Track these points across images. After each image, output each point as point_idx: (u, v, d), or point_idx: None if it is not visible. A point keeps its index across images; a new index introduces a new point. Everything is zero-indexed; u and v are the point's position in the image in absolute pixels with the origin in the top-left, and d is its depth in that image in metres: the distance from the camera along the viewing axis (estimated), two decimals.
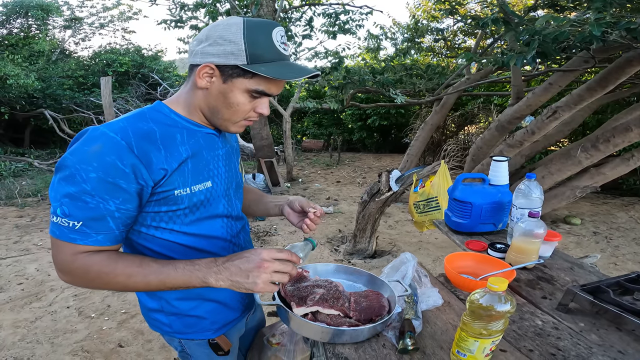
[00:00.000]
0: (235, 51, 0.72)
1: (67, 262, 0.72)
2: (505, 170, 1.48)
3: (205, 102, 0.80)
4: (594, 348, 0.83)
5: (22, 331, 2.31)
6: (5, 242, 3.72)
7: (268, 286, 0.72)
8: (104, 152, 0.69)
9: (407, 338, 0.80)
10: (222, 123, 0.82)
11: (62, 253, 0.72)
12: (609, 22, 1.86)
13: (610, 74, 3.07)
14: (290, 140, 6.58)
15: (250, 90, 0.76)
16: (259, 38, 0.72)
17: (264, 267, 0.71)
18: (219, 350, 0.98)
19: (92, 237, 0.71)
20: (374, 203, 3.10)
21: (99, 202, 0.70)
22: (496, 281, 0.70)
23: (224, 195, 0.90)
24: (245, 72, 0.73)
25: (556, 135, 4.70)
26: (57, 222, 0.70)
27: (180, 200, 0.79)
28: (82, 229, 0.70)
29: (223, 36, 0.72)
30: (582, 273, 1.21)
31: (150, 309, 0.94)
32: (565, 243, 3.88)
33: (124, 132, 0.72)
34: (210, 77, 0.76)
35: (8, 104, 7.71)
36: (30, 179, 6.41)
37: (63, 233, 0.71)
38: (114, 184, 0.70)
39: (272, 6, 5.37)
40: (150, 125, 0.76)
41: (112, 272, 0.72)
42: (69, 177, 0.68)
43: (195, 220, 0.84)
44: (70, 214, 0.69)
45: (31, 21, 9.69)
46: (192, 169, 0.80)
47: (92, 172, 0.68)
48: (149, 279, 0.73)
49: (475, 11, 6.24)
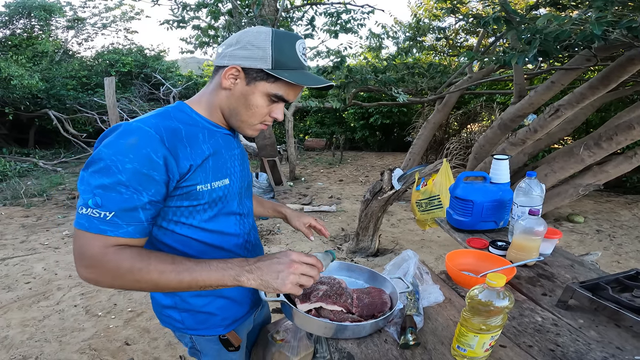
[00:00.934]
0: (262, 56, 0.78)
1: (97, 255, 0.71)
2: (506, 168, 1.49)
3: (226, 102, 0.85)
4: (593, 344, 0.85)
5: (31, 330, 2.34)
6: (12, 242, 3.76)
7: (295, 287, 0.74)
8: (140, 145, 0.72)
9: (408, 333, 0.82)
10: (239, 125, 0.87)
11: (91, 246, 0.71)
12: (610, 21, 1.86)
13: (612, 72, 3.07)
14: (292, 139, 6.60)
15: (270, 94, 0.81)
16: (285, 47, 0.79)
17: (293, 268, 0.74)
18: (230, 346, 1.00)
19: (122, 229, 0.72)
20: (377, 201, 3.11)
21: (132, 193, 0.71)
22: (494, 277, 0.72)
23: (238, 193, 0.94)
24: (269, 76, 0.79)
25: (559, 134, 4.69)
26: (87, 213, 0.70)
27: (201, 196, 0.83)
28: (114, 220, 0.71)
29: (252, 42, 0.78)
30: (583, 270, 1.22)
31: (163, 305, 0.97)
32: (568, 241, 3.88)
33: (157, 127, 0.75)
34: (235, 79, 0.81)
35: (12, 104, 7.76)
36: (35, 179, 6.47)
37: (93, 224, 0.70)
38: (148, 176, 0.72)
39: (274, 6, 5.39)
40: (176, 124, 0.80)
41: (145, 267, 0.72)
42: (104, 169, 0.70)
43: (213, 216, 0.88)
44: (102, 204, 0.70)
45: (34, 22, 9.74)
46: (213, 166, 0.84)
47: (128, 164, 0.70)
48: (182, 277, 0.73)
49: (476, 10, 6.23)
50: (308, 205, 4.95)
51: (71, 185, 6.12)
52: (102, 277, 0.72)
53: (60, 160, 7.81)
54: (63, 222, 4.37)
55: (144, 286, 0.73)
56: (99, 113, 8.13)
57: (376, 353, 0.82)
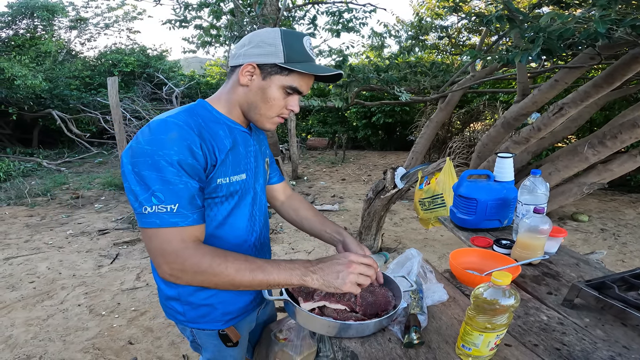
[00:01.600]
0: (274, 52, 0.83)
1: (178, 250, 0.74)
2: (511, 166, 1.48)
3: (245, 98, 0.89)
4: (599, 343, 0.84)
5: (35, 329, 2.35)
6: (16, 241, 3.78)
7: (353, 286, 0.78)
8: (181, 138, 0.76)
9: (412, 332, 0.82)
10: (258, 118, 0.91)
11: (170, 242, 0.74)
12: (613, 19, 1.84)
13: (617, 71, 3.05)
14: (295, 138, 6.60)
15: (285, 87, 0.86)
16: (294, 43, 0.84)
17: (352, 268, 0.79)
18: (228, 341, 1.01)
19: (190, 217, 0.76)
20: (379, 200, 3.11)
21: (186, 182, 0.76)
22: (500, 275, 0.71)
23: (253, 188, 0.98)
24: (282, 69, 0.84)
25: (563, 132, 4.66)
26: (154, 211, 0.73)
27: (220, 189, 0.87)
28: (180, 211, 0.75)
29: (264, 40, 0.84)
30: (588, 269, 1.21)
31: (167, 297, 0.98)
32: (573, 240, 3.86)
33: (188, 122, 0.80)
34: (251, 75, 0.86)
35: (16, 104, 7.80)
36: (39, 178, 6.50)
37: (164, 220, 0.73)
38: (192, 165, 0.77)
39: (276, 5, 5.38)
40: (200, 121, 0.85)
41: (224, 263, 0.75)
42: (153, 165, 0.73)
43: (229, 209, 0.91)
44: (165, 199, 0.73)
45: (37, 22, 9.78)
46: (232, 161, 0.89)
47: (174, 156, 0.74)
48: (255, 275, 0.76)
49: (479, 8, 6.21)
50: None
51: (75, 185, 6.15)
52: (184, 273, 0.75)
53: (64, 160, 7.83)
54: (67, 222, 4.39)
55: (220, 282, 0.76)
56: (102, 113, 8.15)
57: (380, 352, 0.82)
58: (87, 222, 4.36)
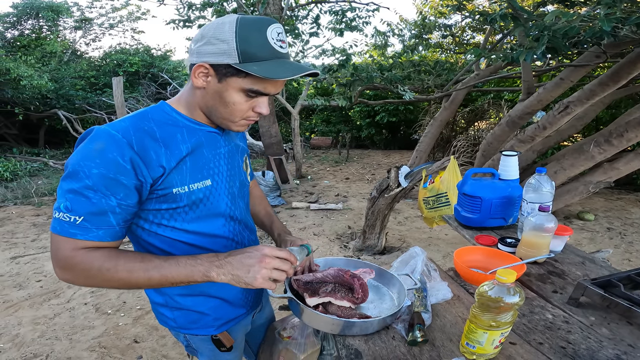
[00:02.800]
0: (227, 50, 0.72)
1: (67, 258, 0.72)
2: (516, 164, 1.47)
3: (203, 101, 0.81)
4: (605, 342, 0.83)
5: (42, 328, 2.37)
6: (24, 240, 3.81)
7: (267, 282, 0.73)
8: (106, 149, 0.71)
9: (416, 330, 0.82)
10: (222, 122, 0.83)
11: (62, 249, 0.72)
12: (619, 17, 1.83)
13: (622, 69, 3.02)
14: (298, 137, 6.60)
15: (245, 90, 0.76)
16: (252, 36, 0.72)
17: (265, 262, 0.73)
18: (222, 347, 1.00)
19: (92, 232, 0.72)
20: (383, 199, 3.10)
21: (101, 197, 0.71)
22: (505, 273, 0.71)
23: (227, 193, 0.90)
24: (239, 71, 0.73)
25: (569, 130, 4.63)
26: (59, 217, 0.71)
27: (179, 198, 0.81)
28: (83, 224, 0.71)
29: (216, 35, 0.73)
30: (594, 267, 1.20)
31: (156, 303, 0.97)
32: (579, 239, 3.83)
33: (126, 130, 0.74)
34: (205, 77, 0.76)
35: (22, 104, 7.86)
36: (45, 178, 6.55)
37: (64, 228, 0.71)
38: (115, 180, 0.71)
39: (279, 4, 5.38)
40: (151, 125, 0.78)
41: (114, 267, 0.72)
42: (72, 174, 0.71)
43: (196, 218, 0.85)
44: (72, 209, 0.71)
45: (42, 22, 9.85)
46: (191, 167, 0.82)
47: (94, 169, 0.70)
48: (150, 274, 0.73)
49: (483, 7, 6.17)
50: (314, 204, 4.95)
51: None
52: (76, 278, 0.74)
53: None
54: None
55: (115, 285, 0.74)
56: (108, 113, 8.21)
57: (384, 350, 0.82)
58: None
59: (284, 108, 6.94)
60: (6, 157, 7.38)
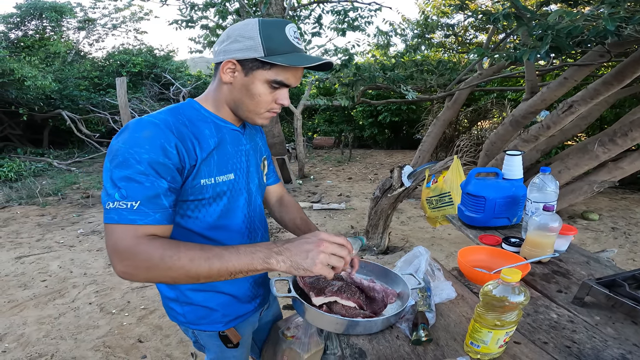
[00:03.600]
0: (253, 46, 0.79)
1: (130, 247, 0.71)
2: (519, 164, 1.47)
3: (230, 96, 0.87)
4: (609, 341, 0.83)
5: (47, 327, 2.38)
6: (28, 240, 3.84)
7: (325, 268, 0.72)
8: (153, 136, 0.75)
9: (420, 330, 0.82)
10: (247, 115, 0.88)
11: (124, 238, 0.71)
12: (622, 16, 1.82)
13: (627, 68, 3.01)
14: (301, 137, 6.61)
15: (270, 81, 0.82)
16: (274, 33, 0.80)
17: (323, 247, 0.72)
18: (229, 343, 1.01)
19: (150, 216, 0.73)
20: (386, 199, 3.10)
21: (153, 181, 0.74)
22: (509, 272, 0.71)
23: (246, 189, 0.95)
24: (264, 64, 0.80)
25: (573, 130, 4.61)
26: (115, 206, 0.71)
27: (206, 190, 0.85)
28: (141, 209, 0.72)
29: (242, 34, 0.80)
30: (598, 267, 1.20)
31: (168, 298, 0.99)
32: (583, 239, 3.82)
33: (166, 121, 0.79)
34: (233, 72, 0.83)
35: (26, 105, 7.90)
36: (50, 178, 6.59)
37: (122, 216, 0.71)
38: (164, 164, 0.75)
39: (281, 4, 5.39)
40: (184, 119, 0.84)
41: (176, 254, 0.71)
42: (123, 163, 0.73)
43: (218, 210, 0.89)
44: (128, 195, 0.72)
45: (45, 23, 9.91)
46: (218, 161, 0.87)
47: (144, 154, 0.73)
48: (211, 262, 0.71)
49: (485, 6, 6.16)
50: (317, 203, 4.95)
51: (85, 184, 6.22)
52: (137, 270, 0.71)
53: (74, 160, 7.93)
54: (78, 221, 4.45)
55: (176, 275, 0.72)
56: (111, 113, 8.25)
57: (388, 349, 0.82)
58: (97, 221, 4.41)
59: (287, 108, 6.95)
60: (11, 157, 7.43)
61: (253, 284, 1.04)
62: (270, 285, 0.94)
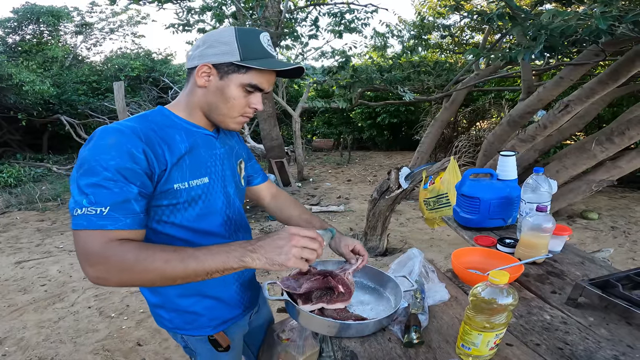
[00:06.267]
0: (230, 50, 0.82)
1: (100, 252, 0.70)
2: (514, 164, 1.47)
3: (204, 99, 0.87)
4: (603, 342, 0.83)
5: (46, 331, 2.39)
6: (28, 245, 3.84)
7: (299, 261, 0.74)
8: (119, 142, 0.75)
9: (412, 332, 0.82)
10: (221, 119, 0.89)
11: (93, 243, 0.70)
12: (615, 15, 1.83)
13: (621, 67, 3.02)
14: (300, 140, 6.61)
15: (245, 85, 0.84)
16: (250, 40, 0.83)
17: (295, 241, 0.74)
18: (218, 347, 1.01)
19: (121, 221, 0.72)
20: (384, 201, 3.10)
21: (122, 186, 0.73)
22: (497, 274, 0.71)
23: (223, 192, 0.94)
24: (239, 67, 0.83)
25: (570, 129, 4.62)
26: (84, 212, 0.70)
27: (179, 194, 0.84)
28: (111, 214, 0.71)
29: (218, 39, 0.83)
30: (593, 267, 1.20)
31: (153, 304, 0.98)
32: (582, 238, 3.81)
33: (133, 128, 0.79)
34: (208, 76, 0.84)
35: (25, 110, 7.90)
36: (49, 183, 6.59)
37: (91, 222, 0.70)
38: (132, 170, 0.75)
39: (278, 7, 5.41)
40: (152, 126, 0.83)
41: (151, 256, 0.71)
42: (89, 170, 0.72)
43: (194, 214, 0.88)
44: (96, 201, 0.71)
45: (43, 27, 9.90)
46: (190, 165, 0.86)
47: (111, 160, 0.73)
48: (187, 263, 0.71)
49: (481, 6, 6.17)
50: (316, 206, 4.95)
51: None
52: (109, 274, 0.71)
53: (73, 165, 7.94)
54: None
55: (151, 277, 0.71)
56: (110, 117, 8.24)
57: (380, 352, 0.82)
58: None
59: (285, 111, 6.96)
60: (10, 163, 7.44)
61: (240, 287, 1.04)
62: (262, 288, 0.94)
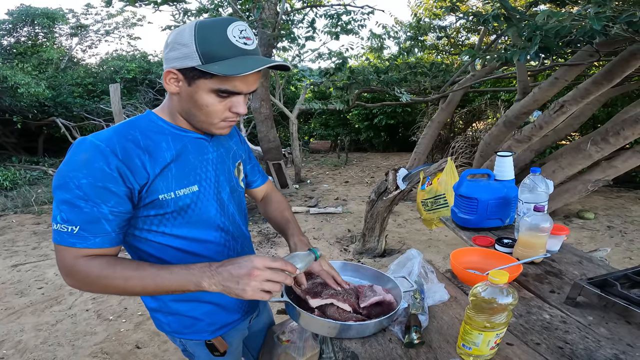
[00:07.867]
0: (189, 53, 0.73)
1: (70, 265, 0.75)
2: (511, 165, 1.48)
3: (180, 106, 0.82)
4: (602, 341, 0.83)
5: (44, 334, 2.37)
6: (24, 248, 3.81)
7: (258, 293, 0.73)
8: (91, 159, 0.73)
9: (413, 332, 0.82)
10: (202, 126, 0.83)
11: (65, 258, 0.75)
12: (609, 16, 1.84)
13: (616, 67, 3.04)
14: (297, 141, 6.61)
15: (215, 90, 0.76)
16: (212, 37, 0.72)
17: (254, 275, 0.72)
18: (215, 351, 1.00)
19: (90, 240, 0.75)
20: (382, 202, 3.11)
21: (92, 206, 0.73)
22: (497, 274, 0.72)
23: (215, 199, 0.90)
24: (204, 72, 0.73)
25: (566, 129, 4.65)
26: (58, 228, 0.74)
27: (166, 204, 0.82)
28: (80, 233, 0.74)
29: (177, 40, 0.74)
30: (591, 267, 1.21)
31: (152, 308, 0.98)
32: (579, 238, 3.84)
33: (109, 140, 0.75)
34: (177, 82, 0.78)
35: (20, 112, 7.83)
36: (45, 186, 6.55)
37: (63, 238, 0.74)
38: (104, 188, 0.73)
39: (274, 9, 5.41)
40: (135, 134, 0.79)
41: (111, 275, 0.75)
42: (64, 186, 0.73)
43: (185, 223, 0.86)
44: (68, 219, 0.73)
45: (38, 29, 9.82)
46: (176, 174, 0.82)
47: (83, 179, 0.72)
48: (145, 283, 0.75)
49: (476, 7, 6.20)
50: (314, 208, 4.95)
51: None
52: (79, 284, 0.77)
53: None
54: None
55: (113, 292, 0.77)
56: (106, 120, 8.20)
57: (380, 352, 0.82)
58: None
59: (282, 112, 6.95)
60: (5, 165, 7.38)
61: None
62: None
